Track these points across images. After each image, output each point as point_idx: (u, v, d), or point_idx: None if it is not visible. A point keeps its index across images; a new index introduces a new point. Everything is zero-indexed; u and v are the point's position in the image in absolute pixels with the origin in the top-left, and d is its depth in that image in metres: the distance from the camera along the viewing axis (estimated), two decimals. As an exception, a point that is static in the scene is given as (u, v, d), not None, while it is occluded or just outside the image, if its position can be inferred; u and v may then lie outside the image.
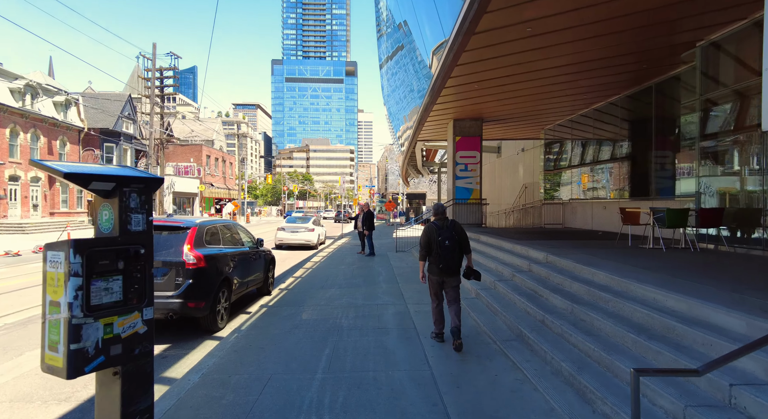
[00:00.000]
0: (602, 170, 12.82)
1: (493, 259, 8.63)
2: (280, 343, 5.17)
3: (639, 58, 8.98)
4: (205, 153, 44.42)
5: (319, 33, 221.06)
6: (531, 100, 12.44)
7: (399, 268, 11.27)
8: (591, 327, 4.48)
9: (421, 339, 5.23)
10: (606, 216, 12.38)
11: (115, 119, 35.89)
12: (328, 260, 13.19)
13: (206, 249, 6.00)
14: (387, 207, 41.21)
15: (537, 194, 18.73)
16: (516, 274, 7.02)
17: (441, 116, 14.57)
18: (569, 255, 6.89)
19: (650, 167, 10.42)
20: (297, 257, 14.70)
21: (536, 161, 19.72)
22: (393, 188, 76.96)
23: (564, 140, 15.57)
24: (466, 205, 15.01)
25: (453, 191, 15.09)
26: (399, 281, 9.35)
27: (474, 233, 11.99)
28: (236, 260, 6.82)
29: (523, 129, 17.14)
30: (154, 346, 2.76)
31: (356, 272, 10.72)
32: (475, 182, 15.11)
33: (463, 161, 15.06)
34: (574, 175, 14.59)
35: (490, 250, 9.47)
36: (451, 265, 4.90)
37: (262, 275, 8.27)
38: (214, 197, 46.03)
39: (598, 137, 13.07)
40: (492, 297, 6.54)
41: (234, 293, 6.73)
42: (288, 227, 17.32)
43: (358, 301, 7.36)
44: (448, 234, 4.88)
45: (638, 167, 11.10)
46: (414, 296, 7.69)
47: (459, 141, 15.01)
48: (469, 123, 15.01)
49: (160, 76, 29.69)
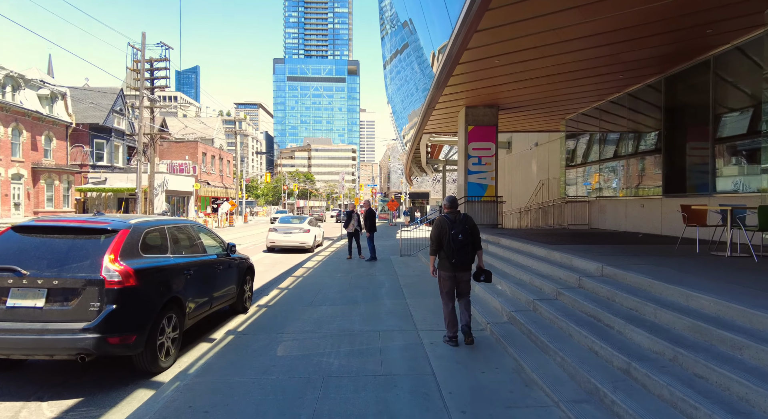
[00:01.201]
0: (639, 163, 11.09)
1: (525, 269, 6.92)
2: (237, 404, 3.49)
3: (704, 19, 7.25)
4: (201, 150, 42.80)
5: (321, 31, 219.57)
6: (556, 81, 10.72)
7: (405, 276, 9.58)
8: (725, 392, 2.78)
9: (445, 400, 3.51)
10: (644, 215, 10.65)
11: (106, 114, 34.34)
12: (323, 266, 11.51)
13: (142, 260, 4.32)
14: (389, 206, 39.53)
15: (556, 191, 17.01)
16: (562, 291, 5.32)
17: (451, 102, 12.87)
18: (631, 267, 5.19)
19: (709, 159, 8.69)
20: (289, 262, 13.03)
21: (553, 156, 18.01)
22: (395, 187, 75.26)
23: (588, 131, 13.85)
24: (479, 203, 13.31)
25: (465, 188, 13.39)
26: (406, 294, 7.66)
27: (491, 236, 10.29)
28: (193, 273, 5.15)
29: (541, 119, 15.42)
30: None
31: (354, 281, 9.04)
32: (489, 177, 13.40)
33: (477, 154, 13.36)
34: (602, 170, 12.86)
35: (517, 257, 7.76)
36: (465, 260, 4.70)
37: (236, 288, 6.61)
38: (211, 196, 44.41)
39: (632, 128, 11.35)
40: (534, 325, 4.85)
41: (189, 316, 5.06)
42: (281, 228, 15.65)
43: (355, 325, 5.67)
44: (461, 228, 4.67)
45: (690, 159, 9.37)
46: (427, 318, 6.00)
47: (472, 131, 13.31)
48: (483, 111, 13.30)
49: (151, 68, 28.12)
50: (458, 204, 5.05)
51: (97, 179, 33.34)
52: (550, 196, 17.89)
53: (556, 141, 17.91)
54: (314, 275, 9.92)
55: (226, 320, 6.46)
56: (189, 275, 5.05)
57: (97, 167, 34.24)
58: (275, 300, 7.36)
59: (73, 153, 32.94)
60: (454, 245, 4.61)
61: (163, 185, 34.62)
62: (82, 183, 33.05)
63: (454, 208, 4.86)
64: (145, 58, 26.85)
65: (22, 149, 26.71)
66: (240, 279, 6.74)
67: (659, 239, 8.91)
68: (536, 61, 9.35)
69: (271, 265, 12.43)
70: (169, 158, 42.00)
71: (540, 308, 5.22)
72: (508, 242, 9.09)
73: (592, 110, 13.46)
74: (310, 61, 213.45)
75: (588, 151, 13.98)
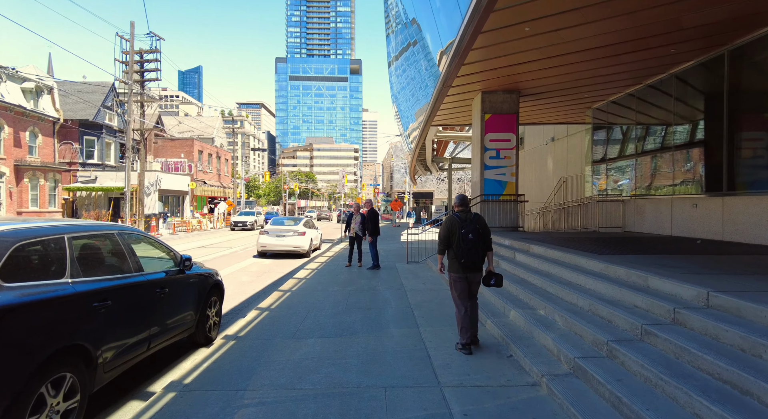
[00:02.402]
0: (687, 156, 9.40)
1: (576, 289, 5.24)
2: None
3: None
4: (197, 148, 41.21)
5: (324, 30, 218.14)
6: (591, 57, 9.05)
7: (415, 291, 7.91)
8: None
9: None
10: (698, 217, 8.95)
11: (96, 110, 32.81)
12: (318, 276, 9.85)
13: (9, 292, 2.68)
14: (393, 207, 37.86)
15: (578, 189, 15.31)
16: (650, 329, 3.65)
17: (466, 87, 11.20)
18: (755, 294, 3.52)
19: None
20: (280, 270, 11.38)
21: (574, 151, 16.32)
22: (398, 186, 73.52)
23: (620, 122, 12.15)
24: (497, 202, 11.63)
25: (480, 185, 11.72)
26: (418, 318, 6.00)
27: (517, 241, 8.61)
28: (114, 304, 3.50)
29: (564, 109, 13.73)
30: None
31: (353, 298, 7.37)
32: (509, 172, 11.71)
33: (494, 146, 11.67)
34: (639, 165, 11.15)
35: (560, 272, 6.08)
36: (476, 261, 4.49)
37: (194, 315, 4.97)
38: (207, 196, 42.85)
39: (680, 114, 9.64)
40: (621, 386, 3.17)
41: (106, 368, 3.42)
42: (273, 231, 14.00)
43: (350, 376, 4.00)
44: (472, 227, 4.47)
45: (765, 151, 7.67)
46: (453, 363, 4.32)
47: (489, 120, 11.63)
48: (502, 97, 11.62)
49: (141, 59, 26.56)
50: (469, 203, 4.83)
51: (86, 178, 31.82)
52: (571, 195, 16.20)
53: (578, 135, 16.22)
54: (305, 289, 8.27)
55: (178, 358, 4.83)
56: (105, 308, 3.40)
57: (87, 165, 32.73)
58: (250, 327, 5.71)
59: (61, 150, 31.43)
60: (464, 245, 4.43)
61: (156, 184, 33.07)
62: (71, 182, 31.54)
63: (465, 206, 4.67)
64: (134, 49, 25.30)
65: (4, 145, 25.18)
66: (200, 302, 5.10)
67: (732, 247, 7.21)
68: (574, 29, 7.68)
69: (257, 274, 10.79)
70: (164, 156, 40.48)
71: (622, 356, 3.54)
72: (541, 250, 7.42)
73: (625, 97, 11.77)
74: (313, 60, 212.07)
75: (620, 144, 12.28)
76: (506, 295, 6.19)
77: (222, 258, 13.95)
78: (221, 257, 14.33)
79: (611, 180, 12.67)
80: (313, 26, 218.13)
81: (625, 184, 11.83)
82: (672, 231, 9.76)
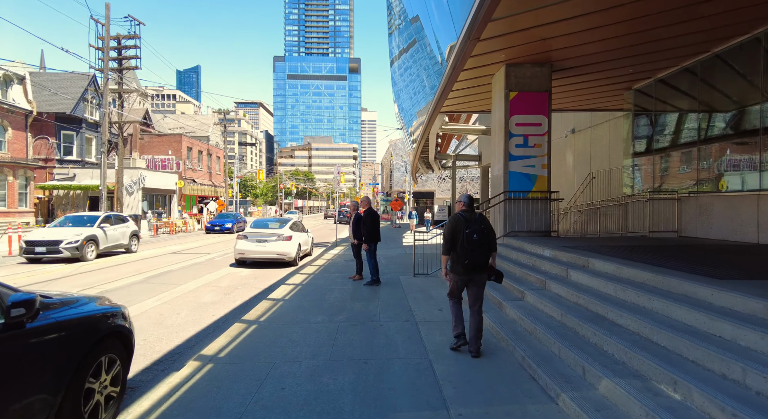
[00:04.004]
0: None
1: (720, 347, 3.01)
2: None
3: None
4: (185, 144, 38.90)
5: (322, 29, 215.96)
6: (648, 10, 6.88)
7: (432, 325, 5.70)
8: None
9: None
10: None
11: (75, 103, 30.53)
12: (300, 297, 7.64)
13: None
14: (393, 207, 35.68)
15: (614, 186, 13.13)
16: None
17: (486, 59, 9.01)
18: None
19: None
20: (257, 284, 9.17)
21: (601, 143, 14.18)
22: (398, 186, 71.21)
23: (672, 104, 9.97)
24: (524, 200, 9.43)
25: (504, 179, 9.51)
26: (446, 388, 3.77)
27: (559, 251, 6.41)
28: None
29: (599, 89, 11.52)
30: None
31: (342, 339, 5.14)
32: (540, 164, 9.51)
33: (521, 132, 9.48)
34: (703, 154, 8.94)
35: (665, 307, 3.83)
36: (479, 261, 4.35)
37: (53, 396, 2.75)
38: (197, 195, 40.57)
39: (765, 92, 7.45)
40: None
41: None
42: (253, 235, 11.76)
43: None
44: (477, 227, 4.34)
45: None
46: None
47: (515, 100, 9.43)
48: (532, 70, 9.42)
49: (118, 46, 24.32)
50: (474, 203, 4.62)
51: (64, 176, 29.56)
52: (600, 193, 14.03)
53: (604, 125, 14.09)
54: (279, 319, 6.05)
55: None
56: None
57: (65, 162, 30.46)
58: (173, 400, 3.50)
59: (36, 146, 29.18)
60: (468, 246, 4.27)
61: (140, 182, 30.83)
62: (47, 180, 29.29)
63: (470, 206, 4.49)
64: (109, 33, 23.06)
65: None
66: (66, 372, 2.88)
67: None
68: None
69: (226, 291, 8.56)
70: (151, 153, 38.21)
71: None
72: (609, 267, 5.21)
73: (679, 73, 9.60)
74: (311, 59, 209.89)
75: (673, 130, 10.08)
76: (578, 342, 3.99)
77: (192, 267, 11.73)
78: (192, 265, 12.10)
79: (659, 175, 10.48)
80: (312, 24, 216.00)
81: (681, 177, 9.63)
82: (758, 237, 7.57)
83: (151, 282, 9.39)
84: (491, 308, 5.92)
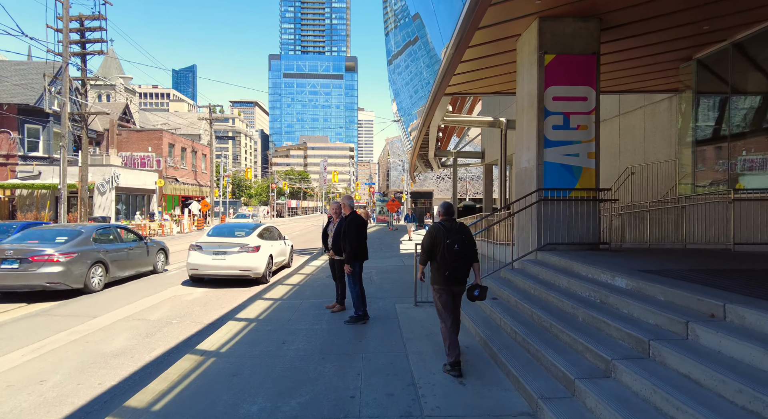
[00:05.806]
0: None
1: None
2: None
3: None
4: (166, 140, 36.19)
5: (318, 27, 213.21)
6: None
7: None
8: None
9: None
10: None
11: (39, 94, 27.83)
12: (246, 347, 5.11)
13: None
14: (390, 207, 33.13)
15: (659, 183, 10.70)
16: None
17: (509, 14, 6.55)
18: None
19: None
20: (201, 317, 6.63)
21: (632, 133, 11.81)
22: (395, 185, 68.64)
23: (752, 76, 7.53)
24: (566, 201, 6.93)
25: (536, 173, 7.00)
26: None
27: (646, 283, 3.90)
28: None
29: (653, 59, 9.01)
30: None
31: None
32: (586, 152, 7.02)
33: (561, 109, 6.98)
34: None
35: None
36: (460, 273, 4.14)
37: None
38: (181, 195, 37.87)
39: None
40: None
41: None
42: (208, 245, 9.18)
43: None
44: (458, 237, 4.13)
45: None
46: None
47: (551, 65, 6.93)
48: (574, 26, 6.95)
49: (81, 27, 21.74)
50: (454, 210, 4.45)
51: (27, 173, 26.90)
52: (640, 191, 11.62)
53: (636, 112, 11.78)
54: (182, 412, 3.54)
55: None
56: None
57: (29, 159, 27.78)
58: None
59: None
60: (449, 256, 4.08)
61: (113, 181, 28.17)
62: (8, 178, 26.64)
63: (450, 215, 4.31)
64: (68, 13, 20.47)
65: None
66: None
67: None
68: None
69: (149, 331, 6.00)
70: (129, 149, 35.51)
71: None
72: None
73: (756, 37, 7.16)
74: (307, 57, 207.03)
75: (755, 110, 7.63)
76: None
77: (131, 286, 9.16)
78: (133, 284, 9.51)
79: (736, 169, 8.01)
80: (308, 23, 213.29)
81: None
82: None
83: (51, 314, 6.84)
84: (557, 389, 3.43)
